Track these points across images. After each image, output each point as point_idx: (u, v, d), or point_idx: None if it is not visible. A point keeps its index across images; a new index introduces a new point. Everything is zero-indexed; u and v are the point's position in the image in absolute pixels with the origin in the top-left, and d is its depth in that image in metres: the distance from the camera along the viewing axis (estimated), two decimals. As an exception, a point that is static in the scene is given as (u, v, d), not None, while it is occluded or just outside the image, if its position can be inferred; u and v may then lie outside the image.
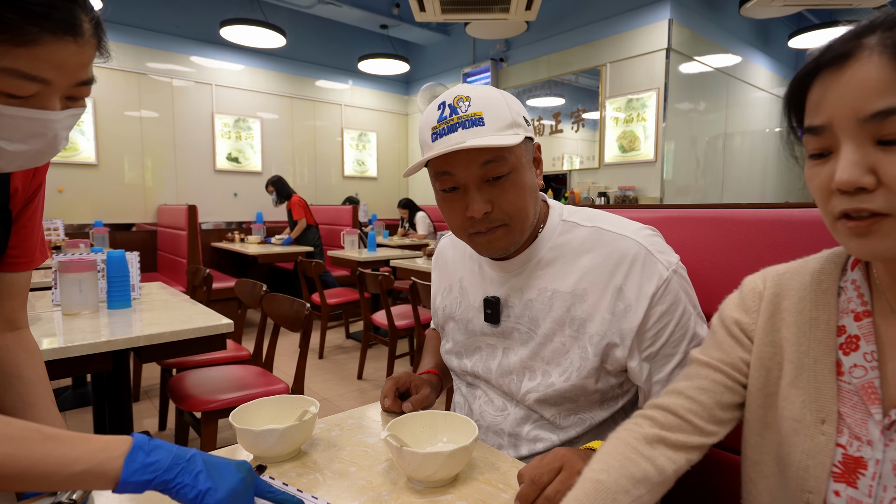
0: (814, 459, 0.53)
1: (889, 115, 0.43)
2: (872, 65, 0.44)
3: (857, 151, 0.46)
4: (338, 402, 2.77)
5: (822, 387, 0.54)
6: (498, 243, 0.76)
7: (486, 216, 0.73)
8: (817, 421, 0.53)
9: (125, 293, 1.68)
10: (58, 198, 4.42)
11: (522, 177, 0.74)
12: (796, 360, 0.56)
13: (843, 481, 0.51)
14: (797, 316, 0.58)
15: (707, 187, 4.84)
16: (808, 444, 0.53)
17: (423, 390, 0.88)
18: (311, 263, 3.38)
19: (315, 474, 0.68)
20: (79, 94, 0.58)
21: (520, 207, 0.74)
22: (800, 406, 0.55)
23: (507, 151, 0.71)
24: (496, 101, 0.72)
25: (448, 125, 0.71)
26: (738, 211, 0.89)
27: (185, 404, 1.66)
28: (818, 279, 0.58)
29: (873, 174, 0.45)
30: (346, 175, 6.38)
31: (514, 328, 0.82)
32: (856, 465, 0.50)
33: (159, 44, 4.88)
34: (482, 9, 4.15)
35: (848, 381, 0.53)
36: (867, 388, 0.51)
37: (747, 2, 3.83)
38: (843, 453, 0.51)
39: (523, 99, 5.42)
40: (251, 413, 0.76)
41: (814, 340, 0.56)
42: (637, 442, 0.58)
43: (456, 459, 0.63)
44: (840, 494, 0.51)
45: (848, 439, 0.51)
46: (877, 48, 0.44)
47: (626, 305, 0.73)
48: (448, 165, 0.72)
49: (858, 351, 0.53)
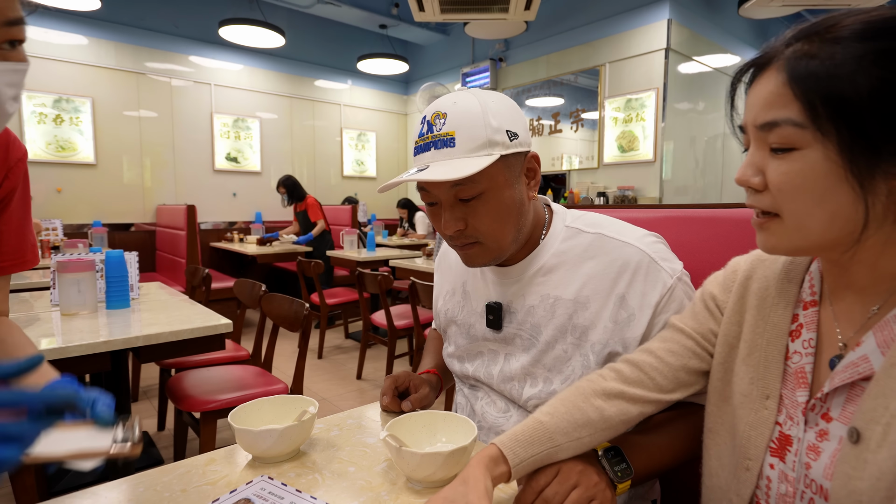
0: (755, 431, 0.58)
1: (773, 127, 0.48)
2: (773, 77, 0.49)
3: (755, 154, 0.52)
4: (337, 403, 2.76)
5: (769, 366, 0.59)
6: (475, 259, 0.77)
7: (459, 233, 0.74)
8: (762, 397, 0.58)
9: (124, 293, 1.68)
10: (56, 198, 4.42)
11: (498, 196, 0.72)
12: (750, 340, 0.61)
13: (777, 456, 0.56)
14: (760, 300, 0.62)
15: (706, 187, 4.84)
16: (752, 417, 0.59)
17: (423, 389, 0.88)
18: (310, 263, 3.38)
19: (314, 474, 0.67)
20: (11, 37, 0.54)
21: (492, 228, 0.73)
22: (748, 382, 0.60)
23: (477, 174, 0.68)
24: (472, 120, 0.69)
25: (424, 143, 0.72)
26: (737, 211, 0.89)
27: (183, 404, 1.66)
28: (787, 268, 0.62)
29: (763, 176, 0.51)
30: (346, 175, 6.37)
31: (516, 334, 0.81)
32: (786, 441, 0.56)
33: (158, 43, 4.87)
34: (481, 9, 4.15)
35: (789, 365, 0.58)
36: (798, 373, 0.56)
37: (746, 2, 3.83)
38: (780, 431, 0.56)
39: (522, 99, 5.42)
40: (250, 413, 0.76)
41: (769, 324, 0.60)
42: (593, 394, 0.64)
43: (455, 459, 0.63)
44: (774, 467, 0.56)
45: (784, 418, 0.56)
46: (783, 61, 0.48)
47: (628, 314, 0.73)
48: (424, 182, 0.73)
49: (800, 338, 0.57)
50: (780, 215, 0.51)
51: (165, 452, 2.16)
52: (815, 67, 0.46)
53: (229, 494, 0.62)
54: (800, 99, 0.46)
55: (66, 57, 4.39)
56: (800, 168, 0.48)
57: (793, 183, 0.48)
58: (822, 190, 0.47)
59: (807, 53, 0.47)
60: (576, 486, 0.58)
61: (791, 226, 0.50)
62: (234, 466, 0.70)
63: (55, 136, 4.36)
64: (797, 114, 0.47)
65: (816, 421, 0.53)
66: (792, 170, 0.48)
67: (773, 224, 0.52)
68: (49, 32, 4.30)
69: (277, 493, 0.62)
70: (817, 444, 0.52)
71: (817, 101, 0.46)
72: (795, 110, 0.47)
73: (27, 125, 4.22)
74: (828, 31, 0.47)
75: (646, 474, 0.69)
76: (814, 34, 0.47)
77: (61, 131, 4.38)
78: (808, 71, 0.46)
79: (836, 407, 0.52)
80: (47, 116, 4.31)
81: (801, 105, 0.46)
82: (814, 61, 0.46)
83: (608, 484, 0.61)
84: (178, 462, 0.70)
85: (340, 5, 5.23)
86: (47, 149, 4.33)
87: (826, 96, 0.45)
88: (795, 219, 0.50)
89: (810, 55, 0.46)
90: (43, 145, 4.31)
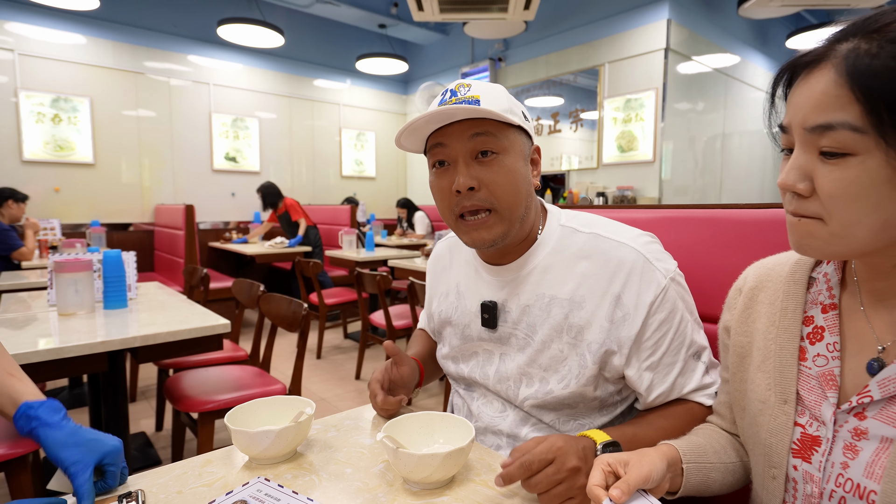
0: (776, 437, 0.57)
1: (827, 130, 0.45)
2: (827, 77, 0.45)
3: (801, 157, 0.48)
4: (335, 403, 2.76)
5: (784, 371, 0.58)
6: (483, 232, 0.74)
7: (471, 193, 0.73)
8: (780, 402, 0.58)
9: (121, 293, 1.68)
10: (54, 197, 4.41)
11: (514, 162, 0.74)
12: (763, 347, 0.61)
13: (800, 457, 0.56)
14: (769, 306, 0.61)
15: (705, 187, 4.85)
16: (771, 424, 0.58)
17: (403, 369, 0.87)
18: (308, 263, 3.38)
19: (311, 476, 0.67)
20: None
21: (507, 191, 0.73)
22: (764, 388, 0.60)
23: (499, 130, 0.72)
24: (496, 90, 0.74)
25: (447, 105, 0.72)
26: (737, 211, 0.88)
27: (181, 405, 1.65)
28: (793, 270, 0.61)
29: (810, 181, 0.47)
30: (345, 175, 6.37)
31: (512, 334, 0.81)
32: (812, 442, 0.55)
33: (157, 43, 4.86)
34: (480, 8, 4.15)
35: (809, 367, 0.57)
36: (827, 376, 0.55)
37: (745, 2, 3.83)
38: (802, 432, 0.56)
39: (521, 99, 5.42)
40: (247, 414, 0.75)
41: (781, 328, 0.59)
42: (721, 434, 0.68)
43: (452, 461, 0.62)
44: (797, 468, 0.56)
45: (808, 420, 0.56)
46: (839, 59, 0.45)
47: (624, 313, 0.73)
48: (441, 136, 0.74)
49: (822, 341, 0.56)
50: (825, 220, 0.47)
51: (163, 453, 2.15)
52: (879, 68, 0.42)
53: (226, 496, 0.61)
54: (861, 102, 0.43)
55: (65, 56, 4.39)
56: (855, 176, 0.44)
57: (847, 191, 0.45)
58: (878, 199, 0.44)
59: (867, 52, 0.43)
60: (561, 483, 0.59)
61: (836, 232, 0.47)
62: (230, 468, 0.69)
63: (53, 136, 4.35)
64: (857, 118, 0.43)
65: (846, 419, 0.52)
66: (846, 177, 0.45)
67: (814, 227, 0.48)
68: (47, 32, 4.29)
69: (274, 494, 0.62)
70: (854, 444, 0.51)
71: (881, 106, 0.42)
72: (855, 114, 0.43)
73: (25, 124, 4.21)
74: (888, 28, 0.43)
75: None
76: (872, 31, 0.44)
77: (59, 131, 4.37)
78: (871, 71, 0.42)
79: (872, 406, 0.51)
80: (45, 116, 4.30)
81: (863, 108, 0.43)
82: (877, 61, 0.42)
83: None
84: (175, 463, 0.70)
85: (339, 5, 5.22)
86: (45, 148, 4.32)
87: (892, 101, 0.41)
88: (842, 226, 0.47)
89: (871, 54, 0.43)
90: (41, 145, 4.30)
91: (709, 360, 0.77)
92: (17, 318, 1.54)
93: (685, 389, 0.75)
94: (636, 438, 0.70)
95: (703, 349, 0.76)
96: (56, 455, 0.61)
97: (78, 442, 0.62)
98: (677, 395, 0.75)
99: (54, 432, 0.63)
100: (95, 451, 0.62)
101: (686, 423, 0.73)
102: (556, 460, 0.60)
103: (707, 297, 0.87)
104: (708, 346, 0.77)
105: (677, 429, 0.73)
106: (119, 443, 0.65)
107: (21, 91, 4.19)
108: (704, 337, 0.77)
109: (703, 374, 0.75)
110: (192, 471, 0.68)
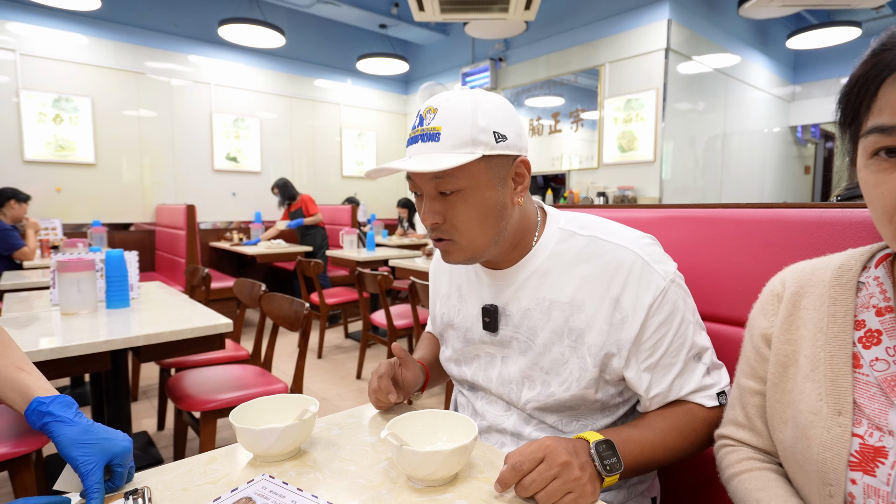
0: (831, 451, 0.52)
1: None
2: None
3: None
4: (336, 402, 2.77)
5: (837, 379, 0.54)
6: (449, 256, 0.78)
7: (436, 226, 0.76)
8: (834, 413, 0.53)
9: (123, 293, 1.68)
10: (56, 197, 4.42)
11: (477, 196, 0.73)
12: (812, 355, 0.57)
13: (861, 470, 0.50)
14: (815, 312, 0.58)
15: (706, 187, 4.85)
16: (825, 437, 0.53)
17: (407, 373, 0.87)
18: (310, 263, 3.38)
19: (315, 473, 0.68)
20: None
21: (469, 226, 0.74)
22: (815, 399, 0.55)
23: (457, 170, 0.70)
24: (460, 117, 0.70)
25: (414, 135, 0.74)
26: (737, 211, 0.89)
27: (183, 404, 1.66)
28: (838, 275, 0.58)
29: None
30: (345, 175, 6.37)
31: (513, 337, 0.82)
32: (875, 454, 0.50)
33: (157, 43, 4.87)
34: (481, 8, 4.15)
35: (866, 374, 0.53)
36: (890, 381, 0.51)
37: (746, 2, 3.83)
38: (861, 443, 0.51)
39: (522, 98, 5.42)
40: (251, 412, 0.76)
41: (830, 335, 0.56)
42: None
43: (455, 458, 0.63)
44: (857, 483, 0.51)
45: (867, 429, 0.51)
46: None
47: (623, 316, 0.73)
48: (411, 172, 0.75)
49: (880, 345, 0.53)
50: None
51: (165, 452, 2.16)
52: None
53: (230, 493, 0.62)
54: None
55: (66, 56, 4.39)
56: None
57: None
58: None
59: None
60: (555, 478, 0.59)
61: None
62: (235, 465, 0.70)
63: (54, 136, 4.36)
64: None
65: None
66: None
67: None
68: (49, 32, 4.30)
69: (279, 491, 0.62)
70: None
71: None
72: None
73: (26, 124, 4.22)
74: None
75: (636, 469, 0.70)
76: None
77: (61, 131, 4.38)
78: None
79: None
80: (47, 116, 4.31)
81: None
82: None
83: (591, 478, 0.62)
84: (180, 461, 0.70)
85: (340, 5, 5.22)
86: (47, 148, 4.33)
87: None
88: None
89: None
90: (42, 145, 4.31)
91: (710, 361, 0.77)
92: (19, 318, 1.55)
93: (684, 390, 0.75)
94: (631, 439, 0.70)
95: (705, 350, 0.76)
96: (68, 453, 0.61)
97: (90, 441, 0.62)
98: (676, 396, 0.75)
99: (67, 429, 0.62)
100: (107, 452, 0.62)
101: (685, 424, 0.74)
102: (547, 457, 0.60)
103: (707, 296, 0.87)
104: (710, 347, 0.77)
105: (675, 429, 0.73)
106: (129, 442, 0.66)
107: (22, 91, 4.20)
108: (706, 338, 0.77)
109: (704, 375, 0.75)
110: (197, 468, 0.68)
